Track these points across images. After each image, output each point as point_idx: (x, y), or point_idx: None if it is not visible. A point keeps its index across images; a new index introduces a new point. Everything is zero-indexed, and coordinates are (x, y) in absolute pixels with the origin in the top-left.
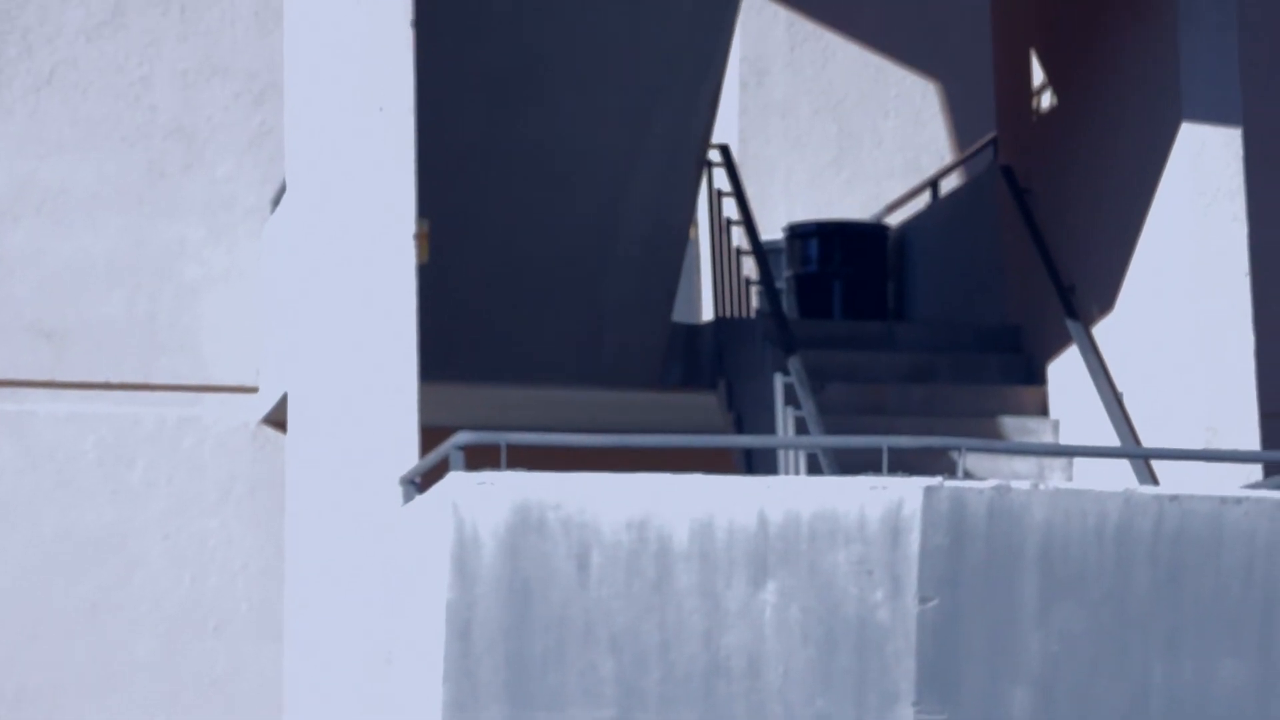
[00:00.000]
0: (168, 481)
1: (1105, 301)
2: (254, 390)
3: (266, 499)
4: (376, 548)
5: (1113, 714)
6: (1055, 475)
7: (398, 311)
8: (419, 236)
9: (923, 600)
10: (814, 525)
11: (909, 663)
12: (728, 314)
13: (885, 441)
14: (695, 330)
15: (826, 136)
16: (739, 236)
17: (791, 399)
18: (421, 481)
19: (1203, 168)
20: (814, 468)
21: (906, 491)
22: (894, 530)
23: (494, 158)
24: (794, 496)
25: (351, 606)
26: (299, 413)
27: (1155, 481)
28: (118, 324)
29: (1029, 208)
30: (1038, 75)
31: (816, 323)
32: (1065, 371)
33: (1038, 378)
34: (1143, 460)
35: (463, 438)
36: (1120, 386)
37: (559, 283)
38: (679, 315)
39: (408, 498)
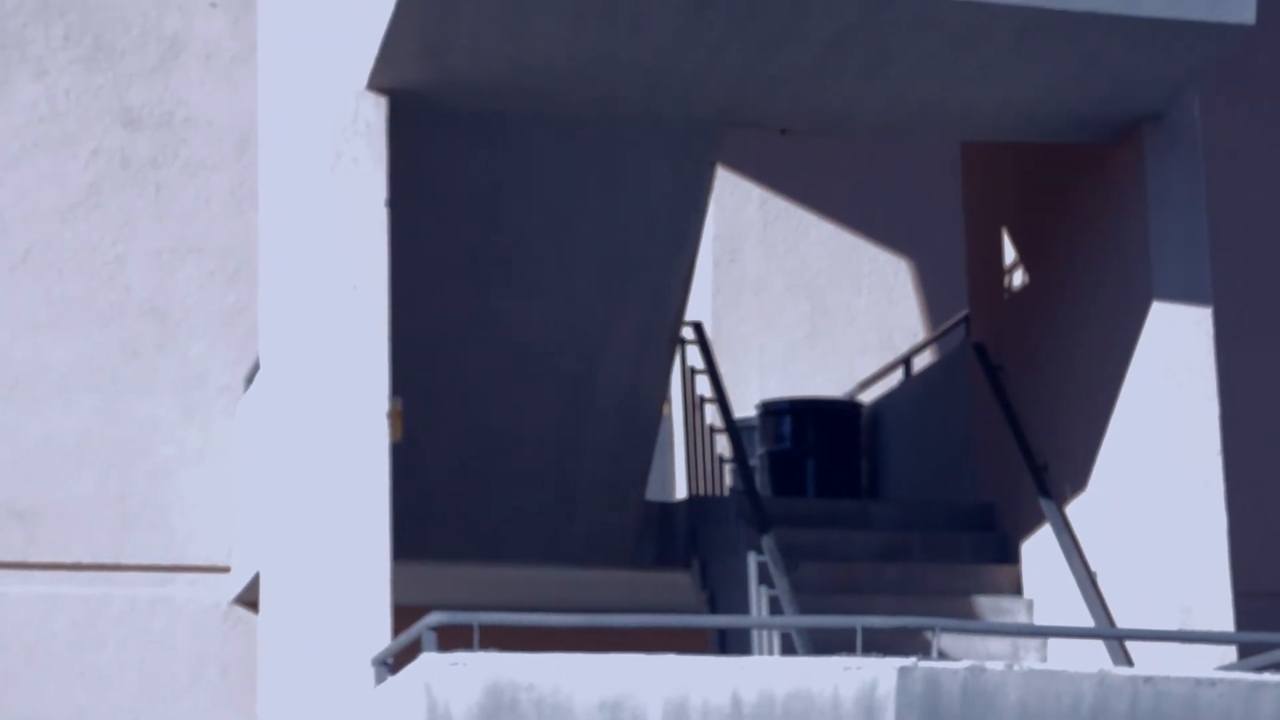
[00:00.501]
0: (139, 663)
1: (1078, 480)
2: (226, 570)
3: (239, 680)
4: None
5: None
6: (1029, 655)
7: (371, 490)
8: (392, 415)
9: None
10: (788, 705)
11: None
12: (701, 492)
13: (859, 621)
14: (669, 508)
15: (799, 314)
16: (712, 414)
17: (765, 578)
18: (394, 662)
19: (1173, 346)
20: (788, 647)
21: (881, 672)
22: (868, 711)
23: (467, 336)
24: (768, 677)
25: None
26: (271, 592)
27: (1130, 662)
28: (89, 504)
29: (1001, 385)
30: (1009, 253)
31: (790, 501)
32: (1039, 550)
33: (1011, 556)
34: (1117, 641)
35: (435, 618)
36: (1094, 566)
37: (532, 461)
38: (652, 493)
39: (380, 679)
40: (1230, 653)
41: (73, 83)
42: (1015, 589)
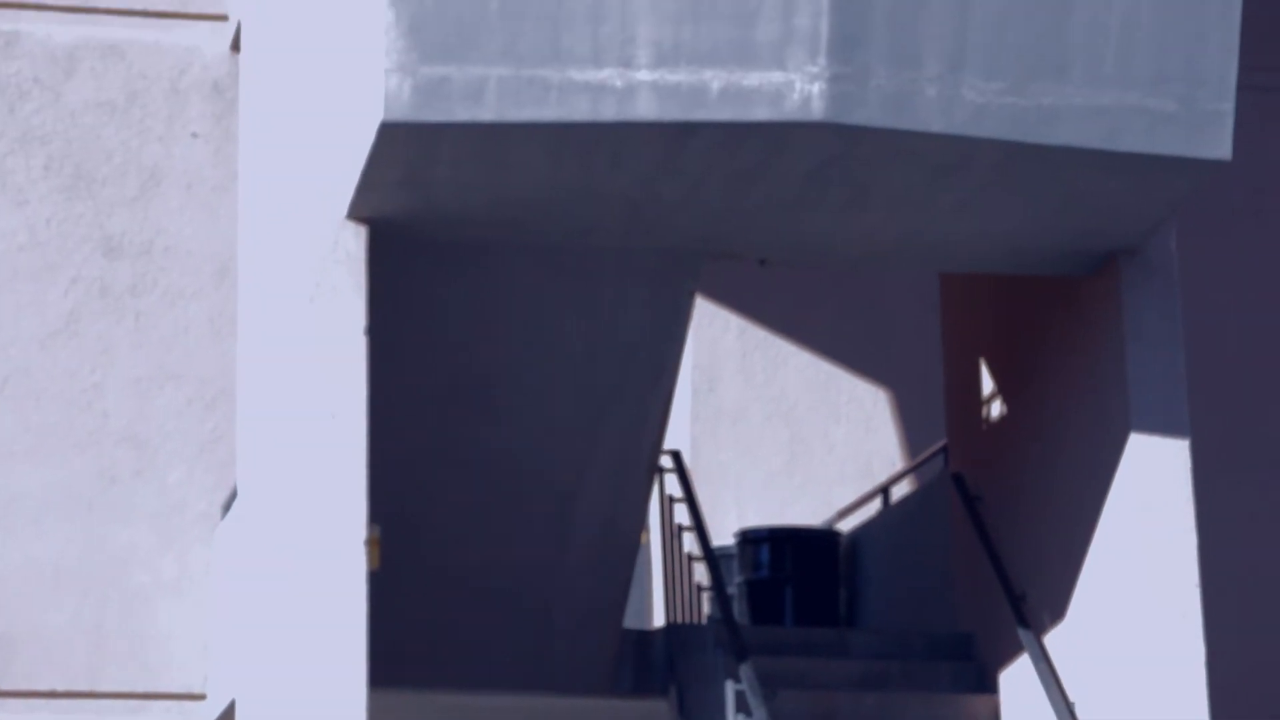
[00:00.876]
0: None
1: (1057, 610)
2: (202, 697)
3: None
4: None
5: None
6: None
7: (348, 618)
8: (370, 543)
9: None
10: None
11: None
12: (679, 620)
13: None
14: (646, 636)
15: (778, 443)
16: (690, 542)
17: (743, 706)
18: None
19: (1151, 478)
20: None
21: None
22: None
23: (445, 464)
24: None
25: None
26: None
27: None
28: (64, 631)
29: (980, 515)
30: (987, 384)
31: (768, 629)
32: (1017, 680)
33: (989, 686)
34: None
35: None
36: (1072, 696)
37: (510, 589)
38: (630, 621)
39: None
40: None
41: (53, 212)
42: (994, 719)
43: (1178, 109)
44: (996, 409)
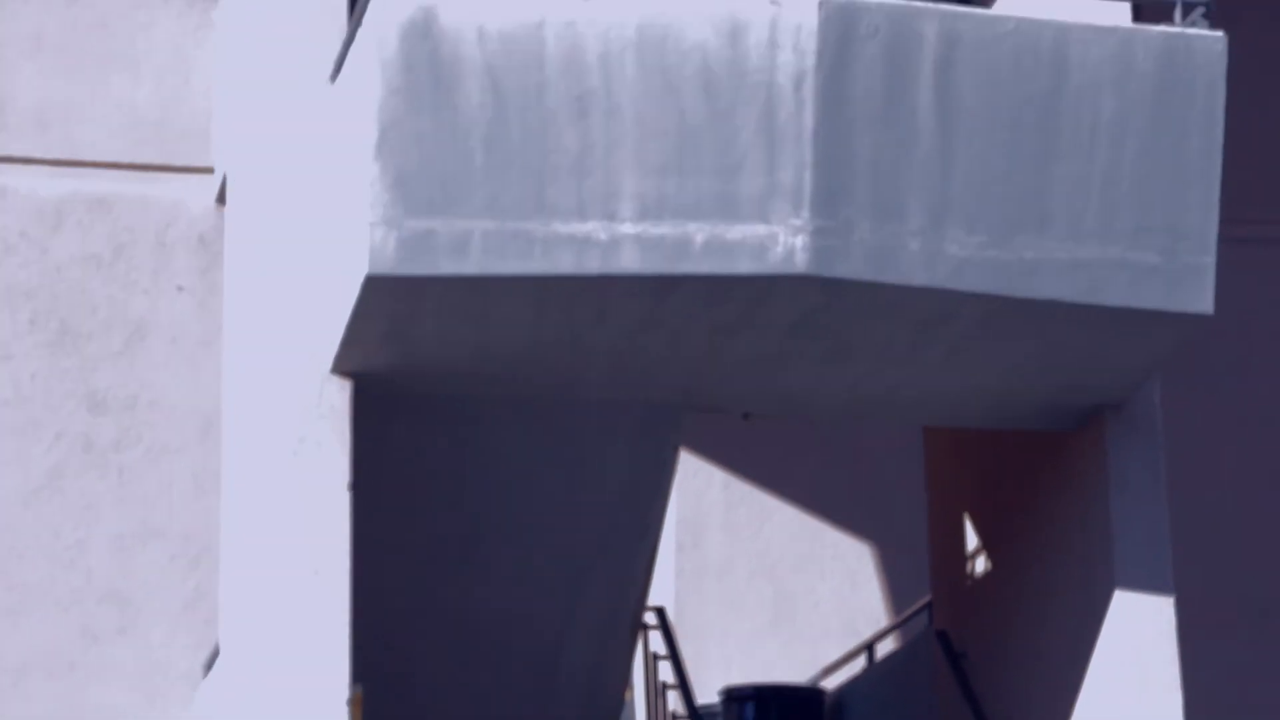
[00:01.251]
0: None
1: None
2: None
3: None
4: None
5: None
6: None
7: None
8: (353, 702)
9: None
10: None
11: None
12: None
13: None
14: None
15: (763, 598)
16: (675, 700)
17: None
18: None
19: (1136, 635)
20: None
21: None
22: None
23: (429, 620)
24: None
25: None
26: None
27: None
28: None
29: (964, 673)
30: (972, 539)
31: None
32: None
33: None
34: None
35: None
36: None
37: None
38: None
39: None
40: None
41: (38, 367)
42: None
43: (1159, 262)
44: (980, 564)
